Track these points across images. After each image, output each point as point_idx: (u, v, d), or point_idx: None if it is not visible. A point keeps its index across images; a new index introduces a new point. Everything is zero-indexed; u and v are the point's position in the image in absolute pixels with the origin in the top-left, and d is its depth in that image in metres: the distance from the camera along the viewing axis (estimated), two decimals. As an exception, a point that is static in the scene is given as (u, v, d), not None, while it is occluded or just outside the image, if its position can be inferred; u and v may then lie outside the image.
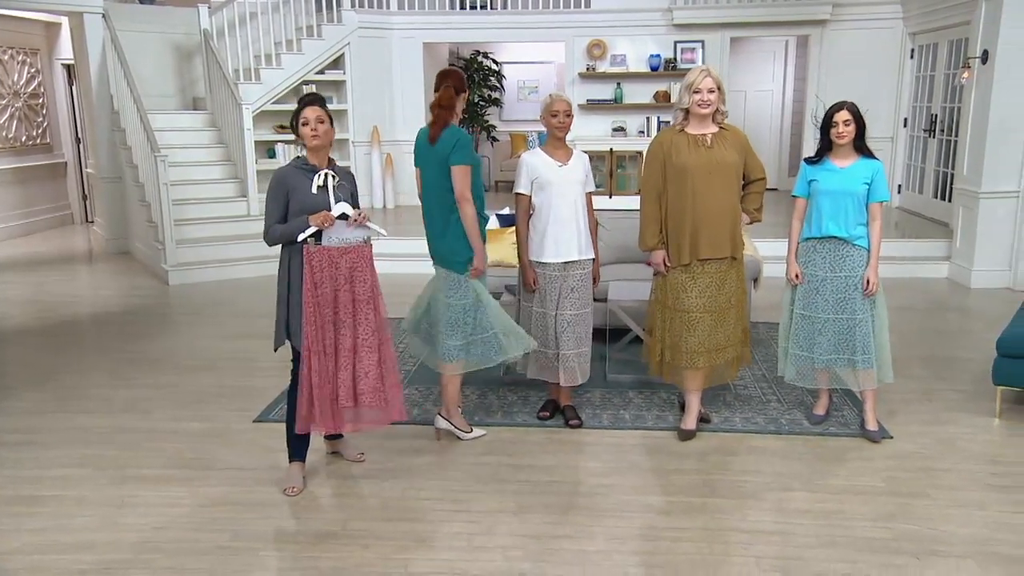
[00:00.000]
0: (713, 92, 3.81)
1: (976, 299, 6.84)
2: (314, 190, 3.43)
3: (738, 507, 3.45)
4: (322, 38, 9.68)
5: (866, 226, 3.98)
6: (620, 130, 10.55)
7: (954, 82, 8.30)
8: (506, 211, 6.40)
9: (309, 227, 3.38)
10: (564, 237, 4.07)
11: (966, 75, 7.34)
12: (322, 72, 9.76)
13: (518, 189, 4.13)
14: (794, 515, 3.38)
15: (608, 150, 9.72)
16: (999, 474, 3.73)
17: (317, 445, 3.87)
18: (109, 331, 6.19)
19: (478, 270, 3.88)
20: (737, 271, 4.01)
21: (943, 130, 8.67)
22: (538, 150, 4.15)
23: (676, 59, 10.25)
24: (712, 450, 4.00)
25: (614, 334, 5.18)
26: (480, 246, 3.86)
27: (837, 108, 3.93)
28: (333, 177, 3.49)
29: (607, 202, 9.10)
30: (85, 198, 11.42)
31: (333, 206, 3.43)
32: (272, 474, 3.76)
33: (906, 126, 9.65)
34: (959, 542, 3.18)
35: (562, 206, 4.05)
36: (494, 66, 12.48)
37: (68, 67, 10.89)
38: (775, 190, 11.24)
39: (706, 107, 3.83)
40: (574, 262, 4.10)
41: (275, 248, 3.53)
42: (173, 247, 7.68)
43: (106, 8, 8.81)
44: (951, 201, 7.99)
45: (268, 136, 9.46)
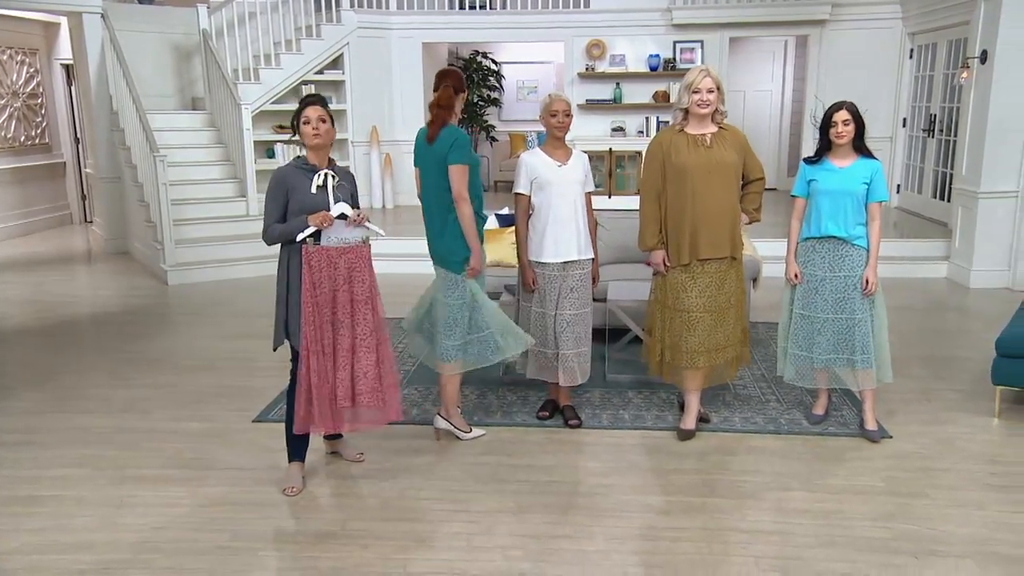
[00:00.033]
0: (712, 92, 3.81)
1: (975, 299, 6.84)
2: (313, 190, 3.43)
3: (737, 507, 3.45)
4: (321, 38, 9.69)
5: (865, 226, 3.98)
6: (619, 130, 10.55)
7: (953, 82, 8.30)
8: (505, 211, 6.40)
9: (308, 227, 3.38)
10: (563, 237, 4.07)
11: (965, 75, 7.34)
12: (321, 72, 9.76)
13: (517, 189, 4.13)
14: (793, 515, 3.38)
15: (607, 150, 9.72)
16: (998, 474, 3.73)
17: (316, 445, 3.87)
18: (108, 331, 6.18)
19: (475, 270, 3.87)
20: (737, 271, 4.02)
21: (942, 130, 8.67)
22: (537, 150, 4.15)
23: (675, 59, 10.25)
24: (711, 450, 4.00)
25: (613, 334, 5.18)
26: (477, 246, 3.85)
27: (836, 108, 3.93)
28: (333, 177, 3.49)
29: (606, 202, 9.12)
30: (84, 198, 11.42)
31: (332, 206, 3.43)
32: (271, 474, 3.76)
33: (905, 126, 9.66)
34: (958, 542, 3.18)
35: (561, 206, 4.05)
36: (493, 66, 12.49)
37: (67, 67, 10.88)
38: (774, 190, 11.25)
39: (705, 107, 3.83)
40: (573, 262, 4.10)
41: (274, 248, 3.53)
42: (172, 247, 7.68)
43: (105, 8, 8.81)
44: (950, 201, 8.00)
45: (267, 136, 9.46)
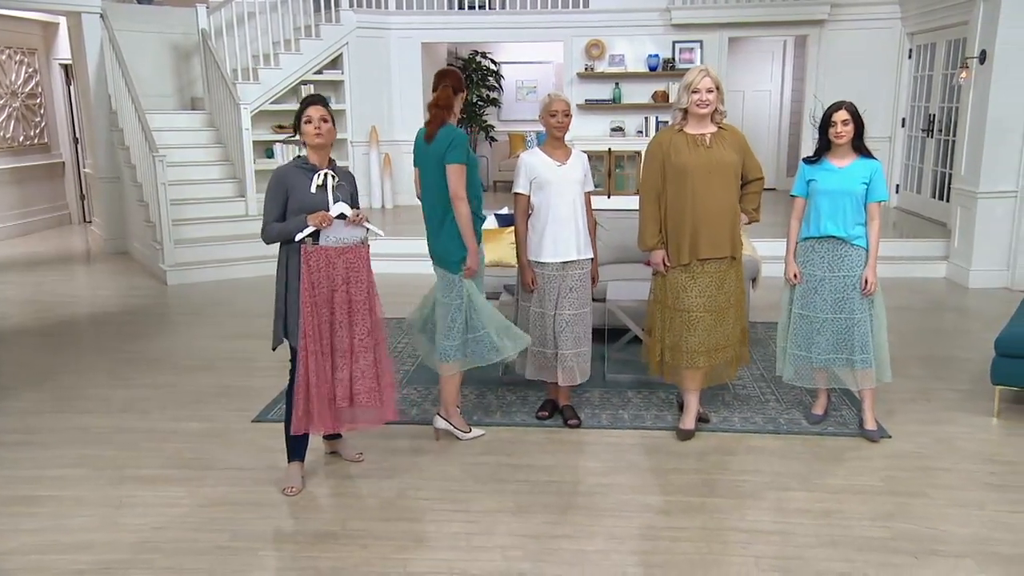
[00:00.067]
0: (712, 92, 3.82)
1: (974, 299, 6.84)
2: (313, 189, 3.44)
3: (737, 507, 3.45)
4: (320, 38, 9.68)
5: (864, 226, 3.98)
6: (618, 130, 10.55)
7: (952, 82, 8.31)
8: (505, 211, 6.40)
9: (307, 226, 3.38)
10: (563, 237, 4.07)
11: (964, 75, 7.35)
12: (320, 72, 9.76)
13: (517, 189, 4.13)
14: (793, 515, 3.38)
15: (606, 150, 9.72)
16: (997, 473, 3.74)
17: (316, 445, 3.87)
18: (107, 331, 6.18)
19: (471, 269, 3.86)
20: (736, 271, 4.02)
21: (941, 130, 8.68)
22: (537, 150, 4.15)
23: (674, 59, 10.26)
24: (711, 450, 4.00)
25: (613, 334, 5.18)
26: (473, 245, 3.84)
27: (836, 108, 3.93)
28: (333, 177, 3.49)
29: (606, 202, 9.12)
30: (83, 198, 11.41)
31: (331, 206, 3.44)
32: (271, 474, 3.76)
33: (904, 126, 9.66)
34: (957, 541, 3.18)
35: (561, 206, 4.05)
36: (492, 66, 12.49)
37: (66, 67, 10.87)
38: (773, 190, 11.25)
39: (705, 107, 3.83)
40: (572, 262, 4.10)
41: (273, 248, 3.53)
42: (171, 247, 7.67)
43: (104, 8, 8.80)
44: (949, 201, 8.00)
45: (266, 136, 9.45)
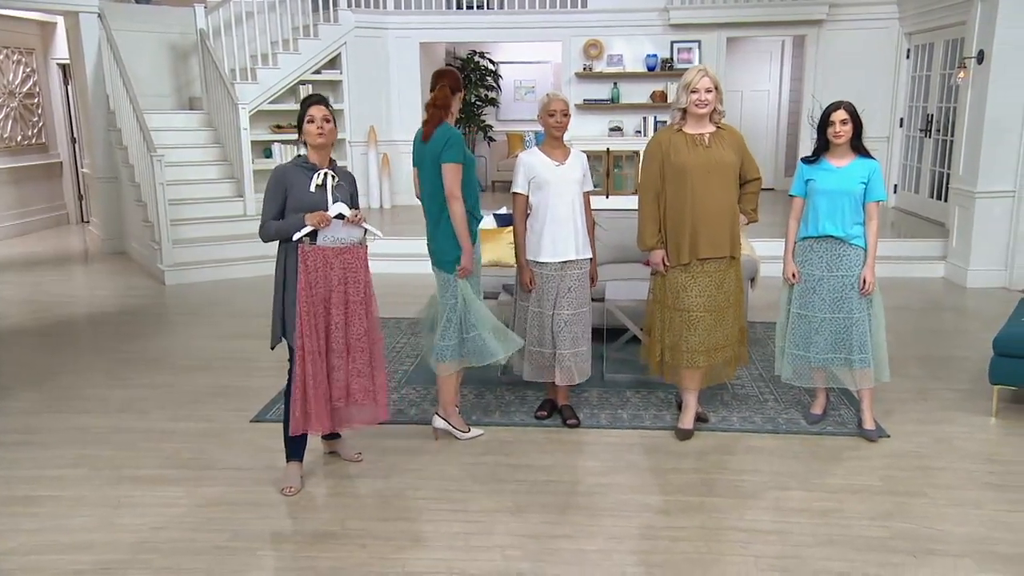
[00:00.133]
0: (711, 92, 3.82)
1: (972, 298, 6.85)
2: (312, 188, 3.44)
3: (736, 506, 3.45)
4: (319, 38, 9.68)
5: (863, 225, 3.98)
6: (617, 130, 10.55)
7: (950, 82, 8.31)
8: (503, 211, 6.40)
9: (305, 226, 3.38)
10: (561, 236, 4.07)
11: (962, 75, 7.35)
12: (319, 72, 9.76)
13: (515, 188, 4.13)
14: (792, 514, 3.38)
15: (605, 150, 9.73)
16: (996, 473, 3.74)
17: (314, 445, 3.86)
18: (105, 331, 6.17)
19: (465, 269, 3.84)
20: (736, 270, 4.02)
21: (939, 130, 8.68)
22: (535, 149, 4.15)
23: (673, 59, 10.26)
24: (710, 449, 4.00)
25: (611, 334, 5.18)
26: (468, 245, 3.81)
27: (834, 107, 3.93)
28: (333, 177, 3.49)
29: (604, 202, 9.13)
30: (81, 198, 11.40)
31: (330, 206, 3.44)
32: (269, 474, 3.76)
33: (902, 126, 9.67)
34: (956, 541, 3.18)
35: (559, 206, 4.05)
36: (491, 66, 12.49)
37: (64, 67, 10.86)
38: (772, 190, 11.26)
39: (704, 107, 3.83)
40: (571, 262, 4.10)
41: (272, 247, 3.53)
42: (169, 247, 7.66)
43: (102, 8, 8.79)
44: (947, 201, 8.01)
45: (264, 136, 9.45)
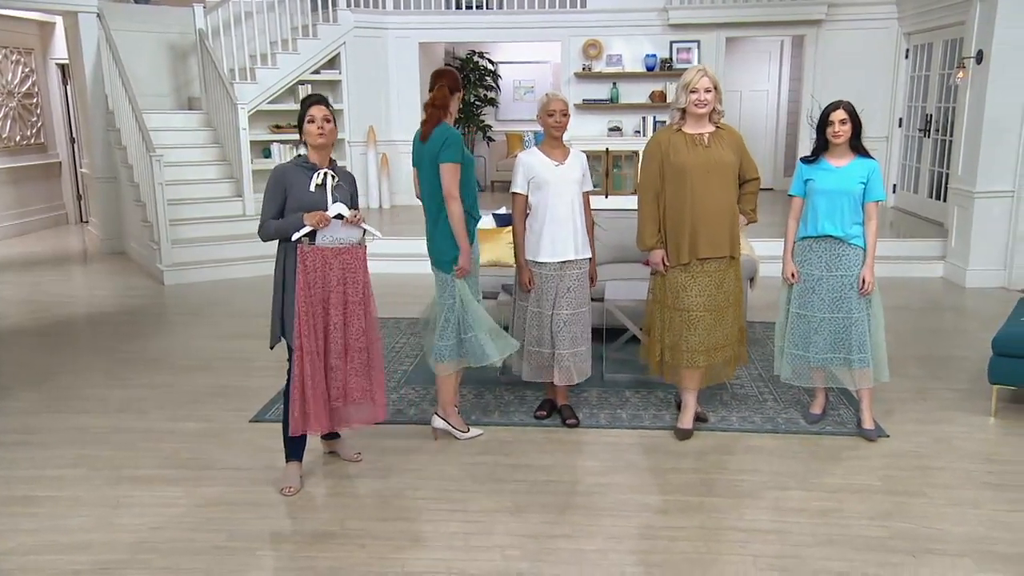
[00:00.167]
0: (710, 92, 3.82)
1: (971, 298, 6.85)
2: (312, 188, 3.44)
3: (735, 506, 3.45)
4: (318, 38, 9.67)
5: (862, 225, 3.98)
6: (616, 130, 10.55)
7: (949, 82, 8.32)
8: (503, 211, 6.40)
9: (304, 226, 3.38)
10: (561, 236, 4.06)
11: (961, 75, 7.36)
12: (318, 72, 9.75)
13: (515, 188, 4.13)
14: (791, 514, 3.38)
15: (604, 150, 9.72)
16: (995, 472, 3.74)
17: (314, 445, 3.87)
18: (104, 331, 6.17)
19: (463, 269, 3.83)
20: (735, 270, 4.02)
21: (938, 130, 8.69)
22: (535, 149, 4.15)
23: (672, 59, 10.26)
24: (709, 449, 4.00)
25: (611, 334, 5.18)
26: (465, 245, 3.80)
27: (833, 107, 3.93)
28: (333, 177, 3.49)
29: (603, 202, 9.12)
30: (80, 198, 11.40)
31: (330, 206, 3.44)
32: (269, 474, 3.76)
33: (901, 126, 9.67)
34: (955, 540, 3.18)
35: (559, 205, 4.04)
36: (490, 66, 12.48)
37: (62, 67, 10.86)
38: (771, 190, 11.27)
39: (703, 107, 3.83)
40: (570, 262, 4.10)
41: (271, 247, 3.53)
42: (168, 247, 7.66)
43: (101, 8, 8.78)
44: (946, 201, 8.01)
45: (263, 136, 9.45)
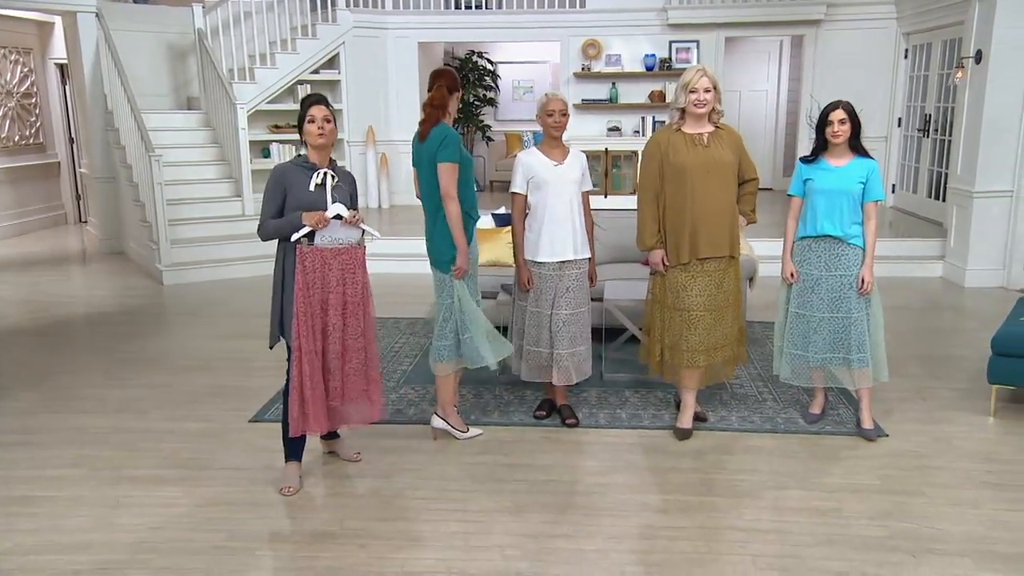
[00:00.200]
0: (709, 91, 3.82)
1: (970, 298, 6.86)
2: (311, 188, 3.44)
3: (735, 506, 3.45)
4: (317, 38, 9.67)
5: (861, 225, 3.98)
6: (615, 130, 10.55)
7: (948, 82, 8.32)
8: (502, 210, 6.40)
9: (303, 226, 3.38)
10: (560, 236, 4.06)
11: (960, 75, 7.36)
12: (317, 72, 9.75)
13: (514, 188, 4.13)
14: (790, 513, 3.38)
15: (603, 150, 9.73)
16: (994, 472, 3.74)
17: (313, 445, 3.86)
18: (103, 331, 6.16)
19: (461, 269, 3.82)
20: (735, 269, 4.02)
21: (937, 130, 8.69)
22: (534, 149, 4.15)
23: (671, 59, 10.26)
24: (709, 449, 4.00)
25: (610, 333, 5.18)
26: (463, 245, 3.79)
27: (833, 107, 3.93)
28: (332, 177, 3.49)
29: (603, 202, 9.14)
30: (79, 198, 11.39)
31: (329, 206, 3.43)
32: (268, 474, 3.75)
33: (900, 126, 9.67)
34: (955, 540, 3.19)
35: (558, 205, 4.04)
36: (489, 66, 12.49)
37: (61, 66, 10.85)
38: (770, 190, 11.28)
39: (702, 107, 3.83)
40: (570, 261, 4.10)
41: (270, 247, 3.53)
42: (167, 247, 7.65)
43: (99, 7, 8.78)
44: (945, 200, 8.01)
45: (263, 136, 9.44)
